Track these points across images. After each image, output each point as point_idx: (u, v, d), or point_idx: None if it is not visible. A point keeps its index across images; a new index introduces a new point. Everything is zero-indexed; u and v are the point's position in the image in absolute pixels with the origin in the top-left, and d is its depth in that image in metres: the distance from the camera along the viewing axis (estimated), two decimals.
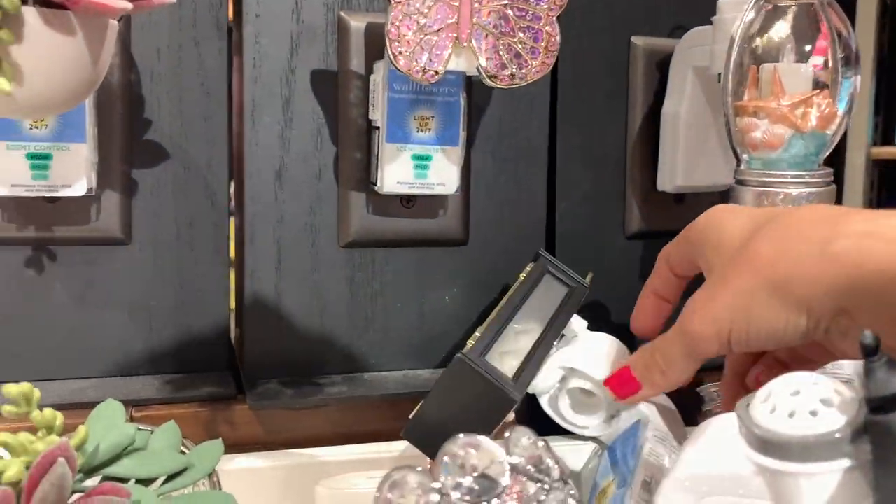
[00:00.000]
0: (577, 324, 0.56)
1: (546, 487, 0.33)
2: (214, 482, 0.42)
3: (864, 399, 0.30)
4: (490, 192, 0.63)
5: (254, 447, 0.56)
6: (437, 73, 0.52)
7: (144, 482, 0.37)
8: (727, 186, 0.56)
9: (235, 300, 0.63)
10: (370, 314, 0.61)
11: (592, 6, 0.64)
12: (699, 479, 0.34)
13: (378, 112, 0.56)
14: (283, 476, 0.54)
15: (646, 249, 0.67)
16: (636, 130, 0.66)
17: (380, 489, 0.32)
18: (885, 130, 1.31)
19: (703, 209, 0.48)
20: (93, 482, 0.36)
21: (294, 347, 0.60)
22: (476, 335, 0.50)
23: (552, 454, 0.34)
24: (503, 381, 0.47)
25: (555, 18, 0.52)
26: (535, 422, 0.52)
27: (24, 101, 0.37)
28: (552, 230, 0.65)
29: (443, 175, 0.58)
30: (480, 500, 0.32)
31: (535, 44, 0.52)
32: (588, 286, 0.58)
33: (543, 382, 0.53)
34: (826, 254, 0.38)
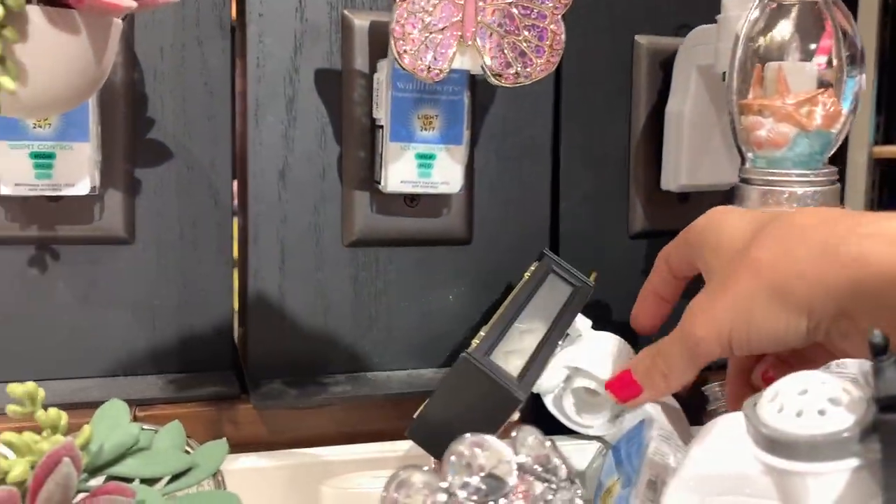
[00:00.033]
0: (582, 323, 0.55)
1: (553, 487, 0.33)
2: (219, 482, 0.42)
3: (873, 398, 0.30)
4: (494, 191, 0.63)
5: (257, 447, 0.56)
6: (442, 72, 0.51)
7: (149, 482, 0.37)
8: (731, 185, 0.56)
9: (239, 300, 0.63)
10: (374, 313, 0.61)
11: (596, 5, 0.63)
12: (706, 479, 0.34)
13: (382, 111, 0.56)
14: (288, 476, 0.54)
15: (650, 248, 0.67)
16: (640, 129, 0.66)
17: (386, 489, 0.32)
18: (887, 130, 1.31)
19: (707, 208, 0.48)
20: (97, 482, 0.36)
21: (298, 347, 0.60)
22: (481, 334, 0.50)
23: (559, 453, 0.34)
24: (508, 381, 0.47)
25: (560, 17, 0.52)
26: (540, 421, 0.52)
27: (29, 100, 0.37)
28: (556, 229, 0.65)
29: (446, 174, 0.57)
30: (487, 500, 0.32)
31: (540, 42, 0.52)
32: (592, 285, 0.58)
33: (548, 382, 0.53)
34: (826, 256, 0.38)
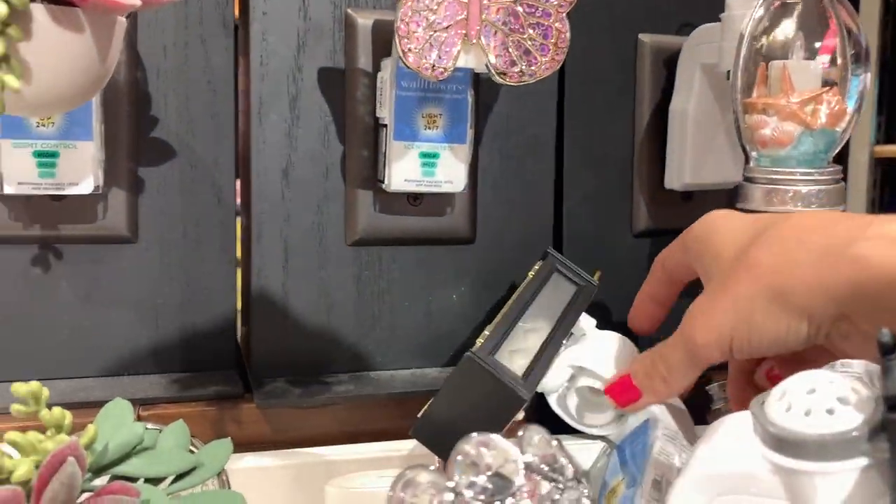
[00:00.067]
0: (586, 322, 0.55)
1: (560, 486, 0.33)
2: (223, 481, 0.42)
3: (882, 397, 0.30)
4: (497, 190, 0.63)
5: (261, 446, 0.56)
6: (447, 70, 0.51)
7: (153, 481, 0.37)
8: (735, 184, 0.56)
9: (242, 298, 0.63)
10: (377, 312, 0.61)
11: (600, 3, 0.63)
12: (712, 478, 0.34)
13: (385, 110, 0.56)
14: (293, 475, 0.54)
15: (653, 247, 0.67)
16: (644, 128, 0.66)
17: (393, 488, 0.32)
18: (889, 129, 1.30)
19: (711, 207, 0.48)
20: (102, 481, 0.36)
21: (301, 346, 0.59)
22: (485, 333, 0.50)
23: (566, 453, 0.34)
24: (513, 380, 0.47)
25: (564, 15, 0.52)
26: (544, 421, 0.51)
27: (33, 98, 0.37)
28: (559, 228, 0.65)
29: (450, 173, 0.57)
30: (494, 499, 0.32)
31: (545, 40, 0.52)
32: (597, 284, 0.57)
33: (552, 381, 0.53)
34: (826, 259, 0.38)
